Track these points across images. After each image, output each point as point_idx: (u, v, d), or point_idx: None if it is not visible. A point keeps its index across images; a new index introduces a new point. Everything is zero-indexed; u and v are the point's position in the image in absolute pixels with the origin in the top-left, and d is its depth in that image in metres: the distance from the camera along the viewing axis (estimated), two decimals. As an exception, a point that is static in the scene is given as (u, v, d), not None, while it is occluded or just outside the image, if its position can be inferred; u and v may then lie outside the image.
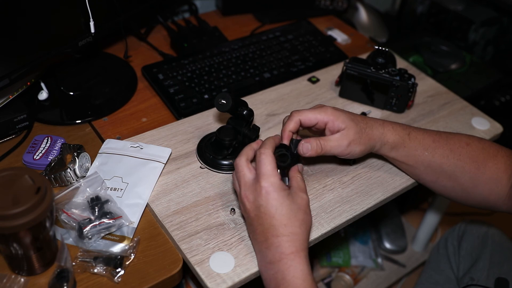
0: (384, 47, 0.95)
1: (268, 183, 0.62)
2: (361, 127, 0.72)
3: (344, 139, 0.71)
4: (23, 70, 0.75)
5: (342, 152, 0.72)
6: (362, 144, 0.72)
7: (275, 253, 0.61)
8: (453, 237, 1.08)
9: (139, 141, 0.81)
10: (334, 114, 0.72)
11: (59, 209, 0.67)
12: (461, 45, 1.43)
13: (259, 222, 0.63)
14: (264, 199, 0.62)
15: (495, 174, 0.73)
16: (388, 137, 0.74)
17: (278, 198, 0.62)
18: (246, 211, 0.65)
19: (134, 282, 0.63)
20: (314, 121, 0.72)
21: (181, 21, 1.18)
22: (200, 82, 0.95)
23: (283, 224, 0.62)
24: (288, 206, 0.62)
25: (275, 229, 0.62)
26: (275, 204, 0.62)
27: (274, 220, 0.62)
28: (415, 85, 0.90)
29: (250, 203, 0.64)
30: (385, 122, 0.75)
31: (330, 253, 1.31)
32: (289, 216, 0.62)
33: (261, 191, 0.62)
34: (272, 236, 0.62)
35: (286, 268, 0.60)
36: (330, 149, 0.71)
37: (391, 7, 1.67)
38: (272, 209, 0.62)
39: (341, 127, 0.71)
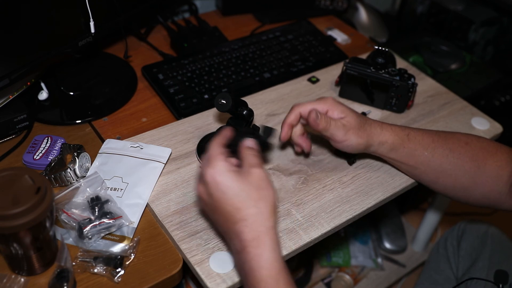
0: (384, 47, 0.95)
1: (212, 168, 0.59)
2: (361, 120, 0.73)
3: (344, 125, 0.72)
4: (23, 70, 0.75)
5: (340, 138, 0.73)
6: (360, 137, 0.73)
7: (238, 242, 0.57)
8: (453, 237, 1.08)
9: (139, 141, 0.81)
10: (333, 104, 0.73)
11: (59, 209, 0.67)
12: (461, 45, 1.43)
13: (217, 213, 0.60)
14: (213, 186, 0.58)
15: (496, 172, 0.73)
16: (387, 137, 0.74)
17: (225, 181, 0.58)
18: (204, 208, 0.62)
19: (134, 282, 0.63)
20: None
21: (181, 21, 1.18)
22: (200, 82, 0.95)
23: (237, 208, 0.57)
24: (238, 187, 0.58)
25: (232, 216, 0.58)
26: (223, 188, 0.58)
27: (227, 206, 0.58)
28: (415, 85, 0.90)
29: (203, 196, 0.61)
30: (384, 124, 0.76)
31: (330, 253, 1.31)
32: (241, 197, 0.58)
33: (207, 178, 0.59)
34: (232, 224, 0.58)
35: (251, 258, 0.56)
36: (332, 128, 0.72)
37: (391, 7, 1.67)
38: (222, 195, 0.58)
39: (340, 116, 0.73)
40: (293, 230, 0.71)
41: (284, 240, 0.69)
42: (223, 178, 0.58)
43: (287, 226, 0.71)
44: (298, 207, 0.74)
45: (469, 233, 1.06)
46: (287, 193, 0.76)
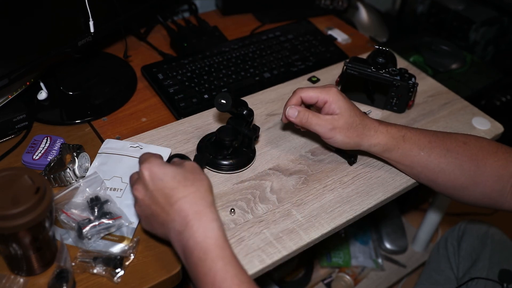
0: (385, 47, 0.94)
1: (148, 163, 0.60)
2: (354, 121, 0.73)
3: (331, 123, 0.73)
4: (22, 70, 0.75)
5: (324, 134, 0.74)
6: (347, 136, 0.73)
7: (180, 220, 0.58)
8: (453, 237, 1.08)
9: (138, 141, 0.81)
10: (335, 96, 0.74)
11: (59, 209, 0.67)
12: (461, 45, 1.43)
13: (154, 202, 0.60)
14: (149, 178, 0.60)
15: (496, 171, 0.73)
16: (380, 139, 0.74)
17: (160, 170, 0.60)
18: (141, 204, 0.61)
19: (134, 283, 0.63)
20: (314, 99, 0.75)
21: (181, 21, 1.18)
22: (200, 82, 0.95)
23: (176, 188, 0.59)
24: (172, 171, 0.60)
25: (170, 197, 0.59)
26: (159, 175, 0.59)
27: (165, 189, 0.59)
28: (416, 85, 0.90)
29: (140, 191, 0.61)
30: (381, 125, 0.75)
31: (330, 253, 1.31)
32: (178, 179, 0.59)
33: (144, 174, 0.60)
34: (171, 204, 0.58)
35: (195, 230, 0.57)
36: (314, 124, 0.74)
37: (392, 6, 1.67)
38: (159, 182, 0.59)
39: (335, 111, 0.74)
40: (293, 231, 0.71)
41: (284, 241, 0.69)
42: (158, 168, 0.60)
43: (288, 226, 0.71)
44: (298, 207, 0.74)
45: (469, 233, 1.06)
46: (287, 193, 0.76)
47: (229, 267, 0.56)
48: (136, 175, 0.64)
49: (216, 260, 0.55)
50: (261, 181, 0.78)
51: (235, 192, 0.75)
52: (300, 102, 0.76)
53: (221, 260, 0.56)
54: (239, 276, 0.56)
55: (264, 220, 0.71)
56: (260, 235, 0.69)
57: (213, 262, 0.55)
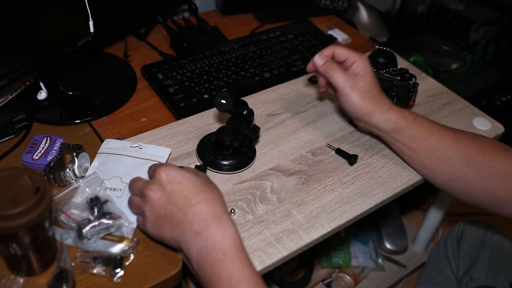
0: (385, 47, 0.94)
1: (164, 167, 0.63)
2: (373, 88, 0.76)
3: (353, 79, 0.75)
4: (22, 70, 0.75)
5: (343, 89, 0.75)
6: (363, 99, 0.75)
7: (199, 221, 0.59)
8: (452, 237, 1.08)
9: (138, 141, 0.81)
10: (365, 60, 0.77)
11: (59, 210, 0.67)
12: (461, 44, 1.43)
13: (171, 202, 0.61)
14: (167, 179, 0.61)
15: (504, 168, 0.71)
16: (392, 115, 0.75)
17: (179, 173, 0.62)
18: (154, 203, 0.62)
19: (134, 283, 0.63)
20: (345, 56, 0.78)
21: (181, 21, 1.17)
22: (200, 82, 0.95)
23: (195, 192, 0.61)
24: (191, 177, 0.62)
25: (190, 200, 0.60)
26: (179, 178, 0.62)
27: (185, 192, 0.61)
28: (416, 85, 0.90)
29: (156, 192, 0.62)
30: (394, 105, 0.77)
31: (330, 253, 1.31)
32: (197, 185, 0.62)
33: (161, 176, 0.62)
34: (190, 207, 0.60)
35: (215, 232, 0.58)
36: (337, 76, 0.76)
37: (392, 6, 1.67)
38: (179, 184, 0.61)
39: (360, 72, 0.76)
40: (293, 231, 0.70)
41: (284, 241, 0.69)
42: (177, 172, 0.62)
43: (288, 226, 0.71)
44: (298, 207, 0.74)
45: (468, 234, 1.06)
46: (287, 193, 0.76)
47: (246, 269, 0.57)
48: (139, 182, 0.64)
49: (234, 260, 0.57)
50: (261, 181, 0.77)
51: (235, 192, 0.75)
52: (331, 55, 0.79)
53: (239, 261, 0.57)
54: (255, 277, 0.57)
55: (264, 221, 0.71)
56: (260, 235, 0.69)
57: (231, 263, 0.57)
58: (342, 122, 0.90)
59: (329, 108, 0.93)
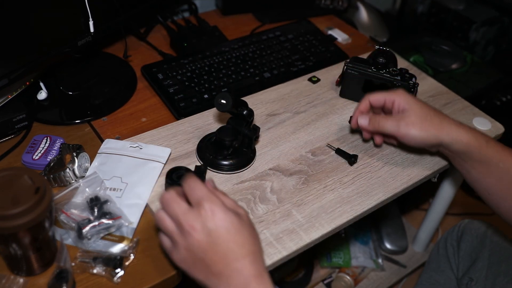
0: (385, 47, 0.94)
1: (211, 203, 0.56)
2: (427, 113, 0.73)
3: (402, 119, 0.73)
4: (22, 70, 0.75)
5: (398, 132, 0.74)
6: (423, 129, 0.72)
7: (240, 279, 0.54)
8: (452, 237, 1.08)
9: (138, 141, 0.81)
10: (402, 94, 0.75)
11: (59, 210, 0.67)
12: (461, 44, 1.43)
13: (214, 250, 0.55)
14: (213, 222, 0.55)
15: None
16: (463, 135, 0.72)
17: (226, 218, 0.56)
18: (194, 244, 0.55)
19: (134, 283, 0.63)
20: (382, 100, 0.77)
21: (181, 21, 1.17)
22: (200, 82, 0.95)
23: (240, 245, 0.56)
24: (238, 223, 0.56)
25: (234, 252, 0.55)
26: (225, 224, 0.55)
27: (230, 243, 0.55)
28: (416, 85, 0.90)
29: (198, 232, 0.55)
30: (463, 124, 0.74)
31: (330, 253, 1.31)
32: (243, 234, 0.56)
33: (207, 214, 0.55)
34: (233, 260, 0.55)
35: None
36: (387, 126, 0.75)
37: (392, 6, 1.67)
38: (224, 231, 0.55)
39: (404, 107, 0.74)
40: (293, 231, 0.70)
41: (284, 241, 0.69)
42: (224, 215, 0.56)
43: (288, 226, 0.71)
44: (298, 207, 0.74)
45: (468, 233, 1.05)
46: (287, 193, 0.76)
47: None
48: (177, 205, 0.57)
49: None
50: (261, 181, 0.77)
51: (235, 193, 0.75)
52: (368, 107, 0.79)
53: None
54: None
55: (264, 221, 0.71)
56: (260, 235, 0.69)
57: None
58: (342, 122, 0.90)
59: (329, 108, 0.93)
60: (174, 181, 0.72)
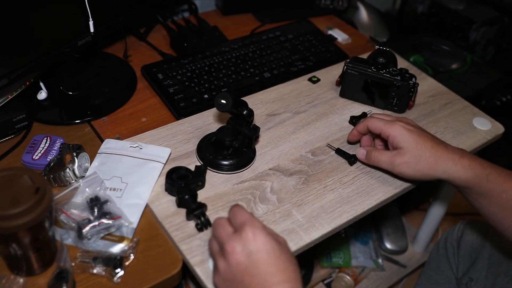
0: (385, 47, 0.94)
1: (253, 227, 0.56)
2: (422, 153, 0.71)
3: (396, 158, 0.73)
4: (22, 70, 0.75)
5: (392, 170, 0.75)
6: (417, 170, 0.72)
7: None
8: (452, 237, 1.08)
9: (138, 141, 0.81)
10: (400, 131, 0.73)
11: (59, 210, 0.67)
12: (461, 44, 1.43)
13: (252, 274, 0.55)
14: (254, 245, 0.55)
15: None
16: (461, 174, 0.71)
17: (267, 242, 0.56)
18: (233, 266, 0.56)
19: (134, 283, 0.63)
20: (377, 131, 0.77)
21: (181, 21, 1.17)
22: (200, 82, 0.95)
23: (281, 270, 0.55)
24: (278, 249, 0.57)
25: (274, 277, 0.55)
26: (267, 248, 0.56)
27: (270, 267, 0.55)
28: (416, 85, 0.90)
29: (238, 254, 0.55)
30: (463, 157, 0.71)
31: (330, 253, 1.31)
32: (283, 260, 0.56)
33: (248, 237, 0.56)
34: (273, 284, 0.55)
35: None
36: (379, 162, 0.76)
37: (392, 6, 1.67)
38: (265, 255, 0.55)
39: (399, 145, 0.73)
40: (293, 231, 0.70)
41: (284, 241, 0.69)
42: (265, 239, 0.56)
43: (288, 227, 0.71)
44: (298, 207, 0.74)
45: (468, 233, 1.06)
46: (287, 193, 0.76)
47: None
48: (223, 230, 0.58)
49: None
50: (261, 181, 0.77)
51: (235, 193, 0.75)
52: (366, 130, 0.79)
53: None
54: None
55: (264, 221, 0.71)
56: (260, 235, 0.69)
57: None
58: (342, 122, 0.90)
59: (329, 108, 0.93)
60: (174, 181, 0.72)
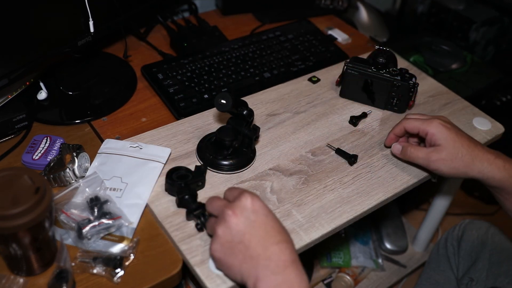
0: (385, 47, 0.94)
1: (250, 194, 0.60)
2: (459, 151, 0.73)
3: (433, 155, 0.74)
4: (22, 70, 0.75)
5: (428, 166, 0.76)
6: (452, 167, 0.74)
7: (279, 262, 0.57)
8: (453, 237, 1.08)
9: (138, 141, 0.81)
10: (437, 128, 0.75)
11: (59, 210, 0.67)
12: (461, 44, 1.43)
13: (252, 233, 0.58)
14: (252, 208, 0.59)
15: None
16: (495, 174, 0.73)
17: (264, 206, 0.60)
18: (233, 228, 0.58)
19: (134, 283, 0.63)
20: (416, 130, 0.78)
21: (180, 21, 1.17)
22: (200, 82, 0.95)
23: (278, 232, 0.59)
24: (273, 214, 0.61)
25: (273, 237, 0.58)
26: (264, 212, 0.59)
27: (268, 227, 0.59)
28: (416, 85, 0.90)
29: (238, 216, 0.58)
30: (498, 158, 0.73)
31: (330, 253, 1.31)
32: (278, 224, 0.60)
33: (247, 201, 0.59)
34: (272, 244, 0.58)
35: (293, 276, 0.56)
36: (416, 158, 0.77)
37: (392, 6, 1.67)
38: (263, 217, 0.59)
39: (437, 142, 0.74)
40: (293, 231, 0.70)
41: (284, 241, 0.69)
42: (263, 204, 0.60)
43: (288, 227, 0.71)
44: (298, 207, 0.74)
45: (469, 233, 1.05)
46: (287, 193, 0.76)
47: None
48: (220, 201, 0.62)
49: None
50: (261, 181, 0.77)
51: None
52: (403, 131, 0.80)
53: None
54: None
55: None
56: (260, 235, 0.69)
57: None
58: (342, 122, 0.90)
59: (329, 108, 0.93)
60: (174, 181, 0.72)
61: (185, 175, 0.73)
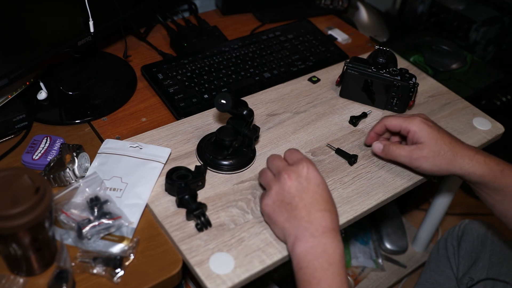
0: (385, 47, 0.94)
1: (308, 163, 0.65)
2: (441, 148, 0.73)
3: (415, 152, 0.74)
4: (22, 70, 0.75)
5: (409, 164, 0.76)
6: (435, 165, 0.74)
7: (318, 227, 0.62)
8: (453, 237, 1.08)
9: (138, 141, 0.81)
10: (419, 126, 0.75)
11: (58, 210, 0.67)
12: (462, 44, 1.43)
13: (301, 197, 0.63)
14: (307, 176, 0.64)
15: None
16: (476, 169, 0.73)
17: (318, 176, 0.65)
18: (285, 189, 0.64)
19: (134, 283, 0.63)
20: (397, 128, 0.78)
21: (180, 21, 1.17)
22: (200, 82, 0.95)
23: (325, 201, 0.64)
24: (325, 185, 0.66)
25: (319, 204, 0.63)
26: (316, 181, 0.64)
27: (317, 195, 0.64)
28: (416, 85, 0.90)
29: (293, 180, 0.64)
30: (478, 154, 0.74)
31: (330, 253, 1.31)
32: (328, 194, 0.65)
33: (304, 169, 0.64)
34: (316, 210, 0.63)
35: (329, 241, 0.61)
36: (398, 156, 0.77)
37: (392, 6, 1.67)
38: (315, 186, 0.64)
39: (419, 140, 0.75)
40: (293, 231, 0.70)
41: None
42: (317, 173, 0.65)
43: (288, 226, 0.71)
44: (298, 207, 0.74)
45: (469, 233, 1.06)
46: (287, 193, 0.76)
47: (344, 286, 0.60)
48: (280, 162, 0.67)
49: (336, 274, 0.60)
50: (261, 181, 0.77)
51: (235, 193, 0.75)
52: (384, 130, 0.80)
53: (339, 276, 0.60)
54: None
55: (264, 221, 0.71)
56: (260, 235, 0.69)
57: (333, 275, 0.60)
58: (342, 122, 0.90)
59: (329, 108, 0.93)
60: (174, 181, 0.72)
61: (185, 175, 0.73)
